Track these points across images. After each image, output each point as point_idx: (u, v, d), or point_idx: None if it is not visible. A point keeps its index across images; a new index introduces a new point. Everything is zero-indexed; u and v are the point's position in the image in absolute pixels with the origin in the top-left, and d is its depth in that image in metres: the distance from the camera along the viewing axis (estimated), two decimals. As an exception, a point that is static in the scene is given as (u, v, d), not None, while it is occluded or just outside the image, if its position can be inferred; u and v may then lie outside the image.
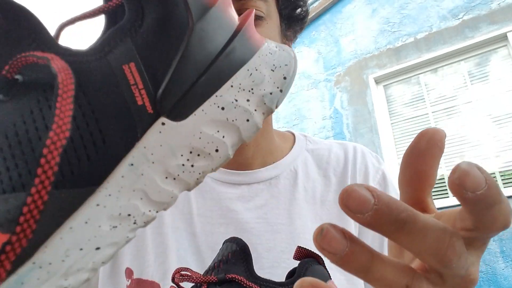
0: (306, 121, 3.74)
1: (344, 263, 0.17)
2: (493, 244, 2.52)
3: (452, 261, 0.17)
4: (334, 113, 3.61)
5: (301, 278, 0.19)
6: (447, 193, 2.86)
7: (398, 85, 3.46)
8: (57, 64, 0.16)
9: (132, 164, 0.17)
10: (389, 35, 3.55)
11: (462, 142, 2.95)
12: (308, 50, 3.99)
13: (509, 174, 2.71)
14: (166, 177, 0.18)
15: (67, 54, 0.18)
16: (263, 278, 0.31)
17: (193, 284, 0.30)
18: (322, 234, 0.17)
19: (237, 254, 0.31)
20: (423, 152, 0.21)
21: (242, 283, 0.29)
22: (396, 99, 3.42)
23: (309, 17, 4.05)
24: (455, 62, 3.22)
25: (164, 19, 0.19)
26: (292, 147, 0.56)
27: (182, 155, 0.18)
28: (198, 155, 0.18)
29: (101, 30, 0.21)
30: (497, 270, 2.46)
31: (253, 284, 0.29)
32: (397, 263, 0.19)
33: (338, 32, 3.88)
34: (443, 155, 0.22)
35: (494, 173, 2.75)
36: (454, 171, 0.16)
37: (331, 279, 0.33)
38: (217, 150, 0.18)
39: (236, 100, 0.19)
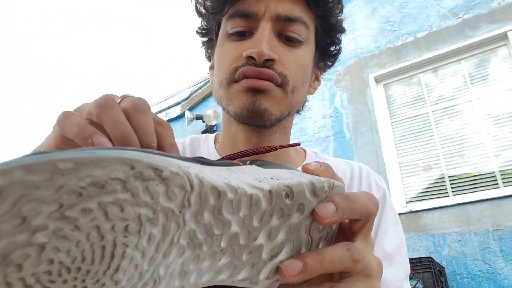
0: (306, 120, 3.73)
1: None
2: (493, 243, 2.52)
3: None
4: (334, 112, 3.61)
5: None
6: (447, 193, 2.86)
7: (398, 84, 3.45)
8: None
9: (239, 169, 0.25)
10: (389, 34, 3.55)
11: (462, 141, 2.95)
12: (308, 49, 3.98)
13: (508, 174, 2.71)
14: (259, 181, 0.24)
15: None
16: None
17: None
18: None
19: None
20: None
21: None
22: (396, 98, 3.42)
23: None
24: (455, 61, 3.21)
25: None
26: (304, 160, 0.60)
27: (265, 177, 0.24)
28: (277, 179, 0.24)
29: None
30: (497, 270, 2.46)
31: None
32: None
33: (338, 31, 3.87)
34: (443, 154, 0.23)
35: (494, 172, 2.75)
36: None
37: None
38: (291, 179, 0.24)
39: (302, 174, 0.27)
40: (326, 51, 0.58)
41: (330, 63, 0.61)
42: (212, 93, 0.54)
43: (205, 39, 0.60)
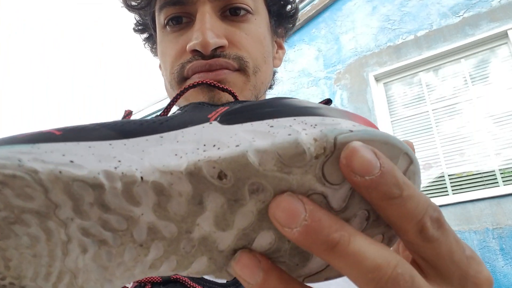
0: (306, 119, 3.74)
1: None
2: (492, 242, 2.52)
3: None
4: (334, 111, 3.60)
5: None
6: (447, 192, 2.86)
7: (398, 83, 3.45)
8: None
9: (161, 137, 0.18)
10: (389, 32, 3.54)
11: (462, 140, 2.95)
12: (308, 48, 3.98)
13: (508, 172, 2.71)
14: (175, 154, 0.17)
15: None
16: (206, 279, 0.31)
17: (137, 283, 0.31)
18: (236, 260, 0.17)
19: None
20: None
21: (186, 283, 0.30)
22: (396, 97, 3.42)
23: (309, 14, 4.03)
24: (455, 60, 3.21)
25: None
26: None
27: (204, 145, 0.17)
28: (218, 148, 0.16)
29: None
30: (496, 268, 2.46)
31: (196, 285, 0.30)
32: None
33: (338, 30, 3.87)
34: (443, 153, 0.22)
35: (494, 171, 2.75)
36: (344, 149, 0.15)
37: None
38: (237, 146, 0.16)
39: (291, 126, 0.17)
40: (282, 15, 0.51)
41: (291, 25, 0.54)
42: (167, 94, 0.49)
43: (145, 35, 0.54)
